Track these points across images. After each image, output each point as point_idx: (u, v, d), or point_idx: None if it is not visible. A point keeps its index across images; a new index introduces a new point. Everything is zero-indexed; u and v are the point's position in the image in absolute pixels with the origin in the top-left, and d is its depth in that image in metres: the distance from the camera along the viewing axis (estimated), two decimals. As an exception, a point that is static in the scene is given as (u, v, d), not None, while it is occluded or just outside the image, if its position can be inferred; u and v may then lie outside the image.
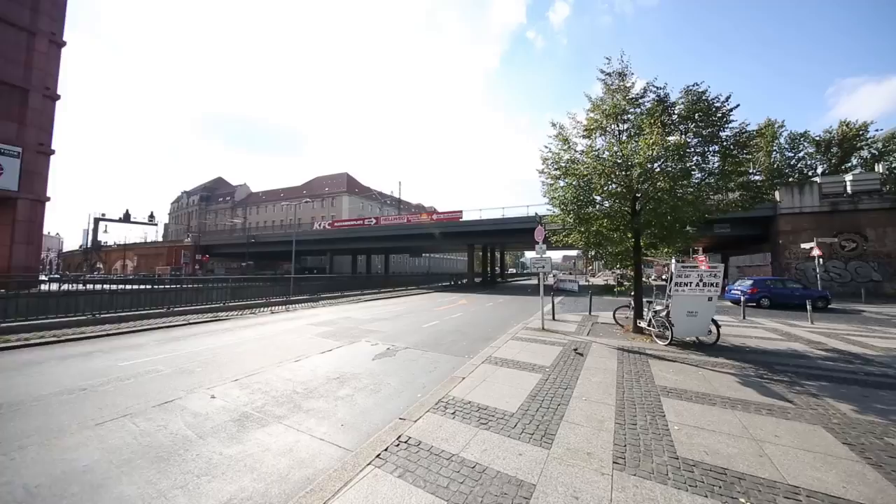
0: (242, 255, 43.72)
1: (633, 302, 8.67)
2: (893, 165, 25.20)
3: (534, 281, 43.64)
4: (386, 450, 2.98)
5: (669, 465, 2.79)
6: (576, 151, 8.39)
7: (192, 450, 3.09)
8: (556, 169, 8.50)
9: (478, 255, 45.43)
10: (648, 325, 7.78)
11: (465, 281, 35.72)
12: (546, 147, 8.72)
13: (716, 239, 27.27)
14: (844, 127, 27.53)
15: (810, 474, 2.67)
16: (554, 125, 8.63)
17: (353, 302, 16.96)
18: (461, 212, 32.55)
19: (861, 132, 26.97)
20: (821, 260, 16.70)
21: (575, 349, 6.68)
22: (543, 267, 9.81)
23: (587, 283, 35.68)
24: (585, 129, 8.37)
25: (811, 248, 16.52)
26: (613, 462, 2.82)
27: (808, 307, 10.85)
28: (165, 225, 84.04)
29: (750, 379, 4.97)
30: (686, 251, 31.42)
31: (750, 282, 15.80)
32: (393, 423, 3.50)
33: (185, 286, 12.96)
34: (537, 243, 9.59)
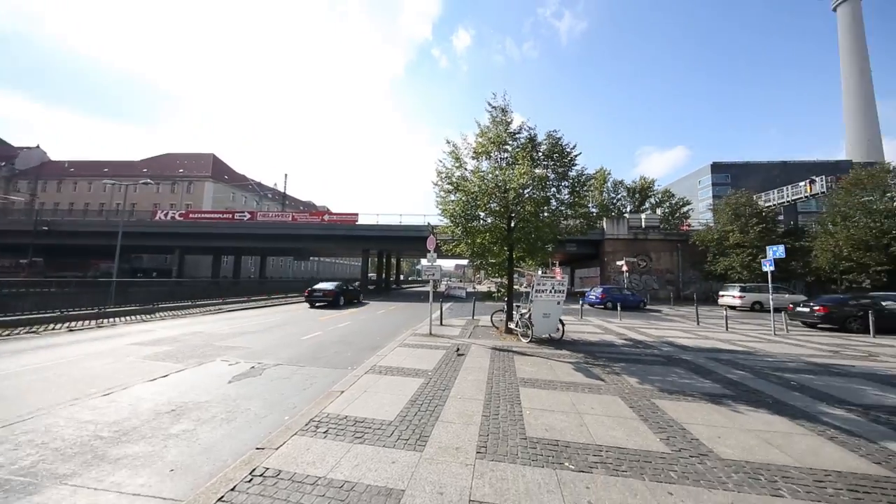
0: (26, 247, 30.50)
1: (506, 306, 9.97)
2: (666, 210, 37.31)
3: (428, 288, 45.09)
4: (233, 489, 2.49)
5: (520, 445, 3.27)
6: (466, 170, 9.23)
7: None
8: (448, 183, 9.13)
9: (373, 261, 44.23)
10: (516, 326, 9.06)
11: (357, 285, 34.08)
12: (441, 161, 9.29)
13: (567, 255, 34.29)
14: (642, 180, 39.31)
15: (610, 434, 3.57)
16: (449, 142, 9.31)
17: (209, 313, 13.93)
18: (357, 214, 31.25)
19: (650, 185, 39.06)
20: (627, 273, 23.36)
21: (457, 350, 7.19)
22: (434, 275, 10.36)
23: (474, 290, 39.20)
24: (475, 152, 9.31)
25: (622, 265, 22.91)
26: (477, 452, 3.12)
27: (618, 308, 14.76)
28: None
29: (580, 365, 6.36)
30: (547, 264, 38.36)
31: (600, 289, 21.24)
32: (247, 456, 2.97)
33: None
34: (429, 252, 10.03)
